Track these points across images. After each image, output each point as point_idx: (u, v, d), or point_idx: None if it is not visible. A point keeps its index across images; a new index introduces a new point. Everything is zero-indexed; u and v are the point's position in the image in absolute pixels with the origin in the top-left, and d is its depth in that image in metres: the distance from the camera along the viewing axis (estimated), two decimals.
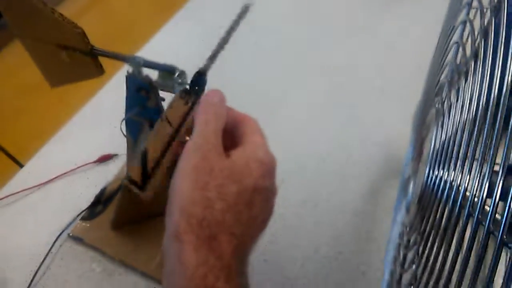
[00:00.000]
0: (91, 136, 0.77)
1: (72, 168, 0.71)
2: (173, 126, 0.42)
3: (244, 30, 0.98)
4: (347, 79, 0.84)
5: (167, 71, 0.43)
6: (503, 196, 0.16)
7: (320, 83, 0.84)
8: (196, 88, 0.43)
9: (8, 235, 0.64)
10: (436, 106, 0.30)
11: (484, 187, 0.18)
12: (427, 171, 0.26)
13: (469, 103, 0.21)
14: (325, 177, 0.68)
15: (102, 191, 0.67)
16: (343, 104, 0.79)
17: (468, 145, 0.21)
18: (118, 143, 0.74)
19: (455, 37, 0.32)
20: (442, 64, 0.35)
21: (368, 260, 0.58)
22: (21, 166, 0.71)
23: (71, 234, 0.62)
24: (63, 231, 0.63)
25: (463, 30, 0.29)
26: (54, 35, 0.45)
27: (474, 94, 0.21)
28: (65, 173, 0.71)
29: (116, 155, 0.73)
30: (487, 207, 0.18)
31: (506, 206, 0.16)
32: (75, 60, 0.47)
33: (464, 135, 0.21)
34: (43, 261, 0.60)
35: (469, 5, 0.28)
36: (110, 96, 0.83)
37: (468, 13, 0.30)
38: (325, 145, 0.73)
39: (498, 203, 0.17)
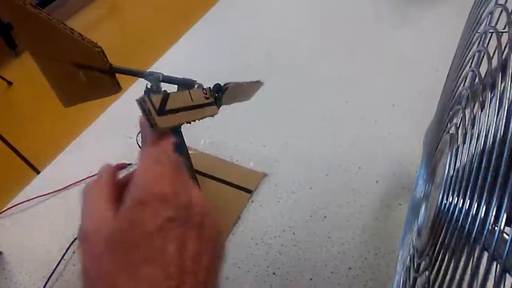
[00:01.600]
0: (106, 145, 0.79)
1: (87, 176, 0.72)
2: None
3: (258, 41, 1.00)
4: (359, 92, 0.84)
5: (187, 85, 0.45)
6: None
7: (332, 96, 0.85)
8: (216, 94, 0.44)
9: (23, 240, 0.65)
10: (451, 131, 0.31)
11: (502, 219, 0.18)
12: (440, 197, 0.27)
13: (485, 133, 0.22)
14: (335, 190, 0.69)
15: None
16: (354, 117, 0.80)
17: (484, 177, 0.21)
18: (133, 153, 0.76)
19: (470, 64, 0.33)
20: (455, 90, 0.35)
21: (376, 277, 0.58)
22: (38, 172, 0.72)
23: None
24: (76, 238, 0.64)
25: (480, 58, 0.29)
26: (72, 55, 0.46)
27: (492, 125, 0.21)
28: (80, 181, 0.72)
29: (130, 164, 0.74)
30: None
31: None
32: (92, 78, 0.48)
33: (482, 164, 0.22)
34: (56, 267, 0.61)
35: (485, 34, 0.29)
36: (125, 108, 0.84)
37: (482, 41, 0.31)
38: (335, 157, 0.73)
39: None
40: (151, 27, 2.24)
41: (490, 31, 0.29)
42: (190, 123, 0.35)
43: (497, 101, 0.21)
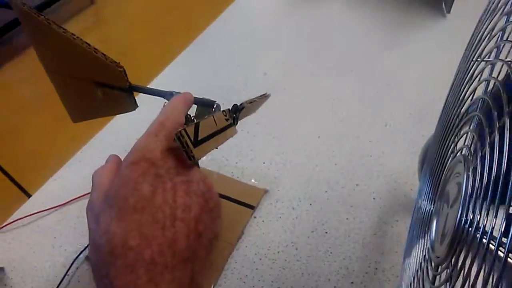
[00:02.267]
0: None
1: (89, 191, 0.72)
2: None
3: (255, 62, 1.03)
4: (353, 112, 0.88)
5: (206, 105, 0.46)
6: None
7: (327, 115, 0.88)
8: (234, 115, 0.46)
9: (25, 256, 0.65)
10: (463, 152, 0.34)
11: None
12: (459, 214, 0.29)
13: (501, 156, 0.24)
14: (334, 206, 0.71)
15: None
16: (349, 135, 0.83)
17: (502, 194, 0.24)
18: None
19: (478, 91, 0.36)
20: (458, 112, 0.38)
21: None
22: (28, 195, 0.72)
23: (88, 256, 0.64)
24: (80, 253, 0.64)
25: (488, 84, 0.32)
26: (92, 73, 0.47)
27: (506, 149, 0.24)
28: (82, 196, 0.72)
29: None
30: None
31: None
32: (109, 96, 0.49)
33: (500, 183, 0.24)
34: (59, 283, 0.61)
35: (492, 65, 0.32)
36: (126, 122, 0.85)
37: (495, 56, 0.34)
38: (333, 174, 0.76)
39: None
40: (138, 42, 2.25)
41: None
42: (217, 148, 0.37)
43: None
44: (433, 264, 0.34)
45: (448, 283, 0.29)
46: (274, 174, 0.76)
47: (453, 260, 0.30)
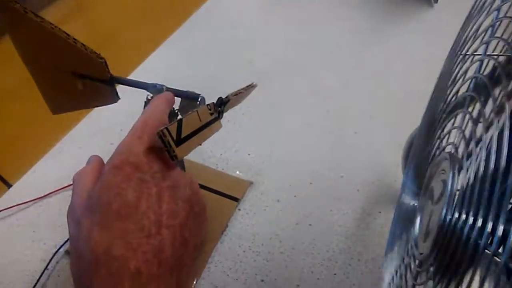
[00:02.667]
0: (87, 152, 0.76)
1: (69, 184, 0.71)
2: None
3: (239, 49, 1.01)
4: (338, 104, 0.88)
5: (190, 99, 0.45)
6: None
7: (312, 105, 0.87)
8: (219, 109, 0.45)
9: (3, 250, 0.63)
10: (446, 150, 0.34)
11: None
12: (444, 212, 0.29)
13: (489, 153, 0.24)
14: (318, 198, 0.71)
15: None
16: (334, 127, 0.83)
17: (490, 193, 0.24)
18: None
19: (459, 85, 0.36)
20: (445, 109, 0.38)
21: (360, 282, 0.61)
22: (8, 186, 0.70)
23: (68, 251, 0.62)
24: (60, 248, 0.63)
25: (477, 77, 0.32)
26: (72, 64, 0.46)
27: (493, 147, 0.24)
28: (61, 188, 0.71)
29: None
30: None
31: None
32: (90, 88, 0.47)
33: (486, 182, 0.24)
34: (39, 278, 0.60)
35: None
36: (106, 114, 0.83)
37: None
38: (317, 166, 0.76)
39: None
40: (121, 29, 2.20)
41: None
42: (201, 144, 0.36)
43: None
44: (416, 261, 0.35)
45: (431, 281, 0.29)
46: (259, 166, 0.76)
47: (436, 258, 0.30)
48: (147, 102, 0.47)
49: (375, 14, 1.14)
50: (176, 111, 0.47)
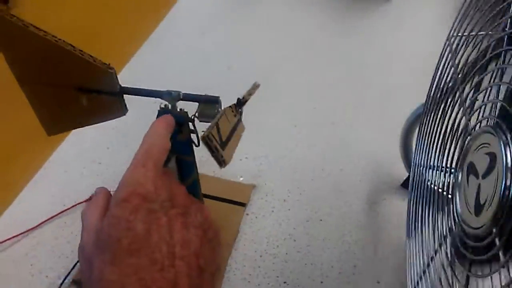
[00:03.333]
0: (74, 175, 0.72)
1: (61, 210, 0.66)
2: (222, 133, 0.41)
3: (218, 54, 1.00)
4: (323, 98, 0.88)
5: (209, 102, 0.43)
6: None
7: (298, 103, 0.87)
8: (239, 110, 0.44)
9: None
10: (488, 123, 0.35)
11: None
12: (503, 184, 0.29)
13: None
14: (323, 193, 0.71)
15: None
16: (324, 122, 0.83)
17: None
18: (110, 178, 0.71)
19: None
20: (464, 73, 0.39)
21: (381, 270, 0.61)
22: None
23: (76, 279, 0.58)
24: (65, 278, 0.58)
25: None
26: (78, 78, 0.43)
27: None
28: (54, 216, 0.66)
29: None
30: None
31: None
32: (95, 102, 0.45)
33: None
34: None
35: None
36: (90, 131, 0.78)
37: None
38: (315, 162, 0.76)
39: None
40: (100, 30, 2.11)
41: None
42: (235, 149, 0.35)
43: None
44: (471, 236, 0.35)
45: (500, 252, 0.29)
46: (258, 168, 0.75)
47: (502, 229, 0.30)
48: (160, 112, 0.45)
49: (338, 12, 1.16)
50: (192, 117, 0.45)
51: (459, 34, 0.48)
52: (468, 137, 0.38)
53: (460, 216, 0.37)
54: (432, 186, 0.47)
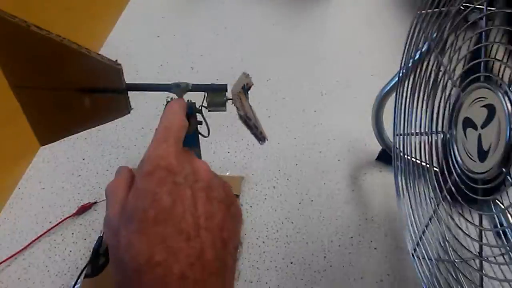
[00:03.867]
0: (54, 190, 0.69)
1: (49, 228, 0.63)
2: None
3: (181, 56, 0.99)
4: (289, 88, 0.92)
5: (218, 90, 0.44)
6: None
7: (267, 95, 0.90)
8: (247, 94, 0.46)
9: None
10: (481, 80, 0.39)
11: None
12: (509, 128, 0.34)
13: None
14: (308, 176, 0.74)
15: (100, 242, 0.61)
16: (295, 110, 0.87)
17: None
18: (93, 189, 0.69)
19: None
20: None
21: (376, 238, 0.66)
22: None
23: (86, 273, 0.56)
24: None
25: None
26: (82, 78, 0.41)
27: None
28: (42, 235, 0.62)
29: (95, 203, 0.67)
30: None
31: None
32: (98, 102, 0.44)
33: None
34: None
35: None
36: (62, 146, 0.75)
37: None
38: (295, 148, 0.79)
39: None
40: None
41: None
42: None
43: None
44: (477, 181, 0.39)
45: None
46: (243, 161, 0.76)
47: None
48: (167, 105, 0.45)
49: (286, 10, 1.21)
50: (199, 107, 0.46)
51: (424, 11, 0.54)
52: (459, 95, 0.43)
53: (464, 166, 0.42)
54: (416, 151, 0.52)
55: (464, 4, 0.45)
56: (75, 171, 0.72)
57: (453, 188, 0.44)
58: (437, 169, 0.50)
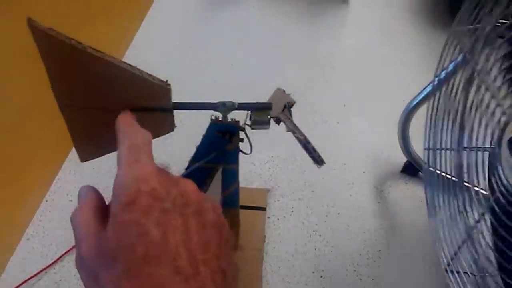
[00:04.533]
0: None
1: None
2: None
3: (200, 68, 1.00)
4: (310, 99, 0.92)
5: (263, 109, 0.44)
6: None
7: None
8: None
9: None
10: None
11: None
12: None
13: None
14: (333, 188, 0.74)
15: None
16: (317, 121, 0.87)
17: None
18: None
19: None
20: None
21: (404, 252, 0.66)
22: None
23: None
24: None
25: None
26: (132, 98, 0.42)
27: None
28: (72, 248, 0.63)
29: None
30: None
31: None
32: (145, 120, 0.44)
33: None
34: None
35: None
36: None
37: None
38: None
39: None
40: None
41: None
42: None
43: None
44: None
45: None
46: (268, 173, 0.76)
47: None
48: (212, 122, 0.45)
49: (299, 15, 1.21)
50: (243, 125, 0.46)
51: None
52: (504, 116, 0.43)
53: (509, 186, 0.42)
54: (450, 168, 0.52)
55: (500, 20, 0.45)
56: (101, 182, 0.73)
57: (495, 207, 0.44)
58: (476, 187, 0.49)
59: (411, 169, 0.77)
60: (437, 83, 0.59)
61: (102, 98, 0.42)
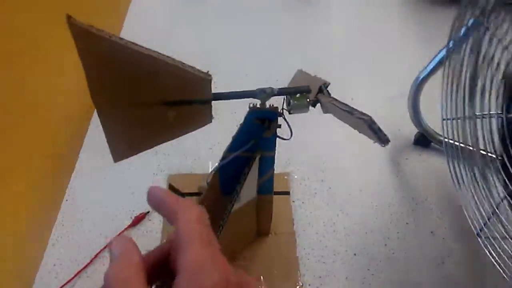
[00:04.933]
0: (106, 203, 0.67)
1: (105, 244, 0.62)
2: None
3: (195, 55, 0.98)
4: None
5: (302, 92, 0.44)
6: None
7: None
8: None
9: None
10: None
11: None
12: None
13: None
14: (353, 167, 0.75)
15: None
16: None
17: None
18: (143, 199, 0.68)
19: None
20: None
21: (430, 221, 0.67)
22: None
23: None
24: None
25: None
26: (170, 92, 0.41)
27: None
28: (99, 252, 0.61)
29: (148, 212, 0.66)
30: None
31: None
32: (183, 114, 0.43)
33: None
34: None
35: None
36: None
37: None
38: (337, 141, 0.79)
39: None
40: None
41: None
42: None
43: None
44: None
45: None
46: (286, 156, 0.76)
47: None
48: (251, 110, 0.44)
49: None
50: (281, 111, 0.46)
51: None
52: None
53: None
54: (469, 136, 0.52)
55: None
56: (127, 182, 0.71)
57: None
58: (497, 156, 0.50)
59: (423, 140, 0.78)
60: (451, 46, 0.59)
61: (141, 93, 0.40)
